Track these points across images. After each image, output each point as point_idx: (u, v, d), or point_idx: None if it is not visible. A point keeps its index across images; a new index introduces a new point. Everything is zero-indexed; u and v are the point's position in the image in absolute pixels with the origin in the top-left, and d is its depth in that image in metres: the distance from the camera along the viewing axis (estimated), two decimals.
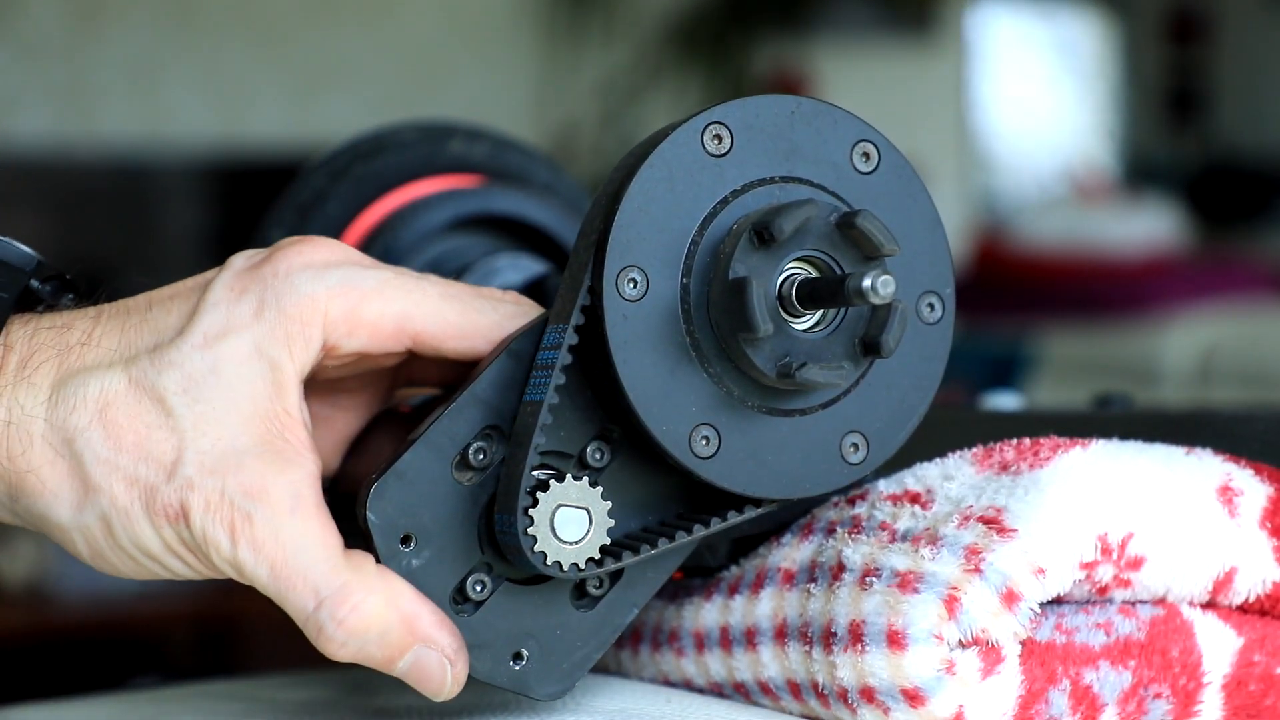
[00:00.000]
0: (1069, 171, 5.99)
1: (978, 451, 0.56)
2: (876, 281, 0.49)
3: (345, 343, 0.54)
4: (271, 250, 0.55)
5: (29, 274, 0.56)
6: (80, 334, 0.54)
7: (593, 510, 0.53)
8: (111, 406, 0.52)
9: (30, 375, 0.53)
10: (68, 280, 0.58)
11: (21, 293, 0.56)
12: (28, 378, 0.53)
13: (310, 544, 0.52)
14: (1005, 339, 3.57)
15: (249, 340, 0.53)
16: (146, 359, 0.53)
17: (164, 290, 0.55)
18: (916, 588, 0.51)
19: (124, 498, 0.52)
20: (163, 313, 0.54)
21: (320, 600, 0.52)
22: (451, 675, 0.53)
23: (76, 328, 0.54)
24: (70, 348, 0.53)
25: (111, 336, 0.54)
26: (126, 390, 0.52)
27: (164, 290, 0.55)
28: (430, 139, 0.72)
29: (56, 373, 0.53)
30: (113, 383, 0.52)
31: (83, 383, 0.52)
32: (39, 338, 0.53)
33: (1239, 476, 0.55)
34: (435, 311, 0.55)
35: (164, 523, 0.52)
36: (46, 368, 0.53)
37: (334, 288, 0.54)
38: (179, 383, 0.52)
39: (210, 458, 0.52)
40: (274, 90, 3.56)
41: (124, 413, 0.52)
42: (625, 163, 0.53)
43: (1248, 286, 3.84)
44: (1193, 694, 0.54)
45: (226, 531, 0.52)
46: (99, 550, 0.53)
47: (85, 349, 0.53)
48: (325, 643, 0.52)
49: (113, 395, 0.52)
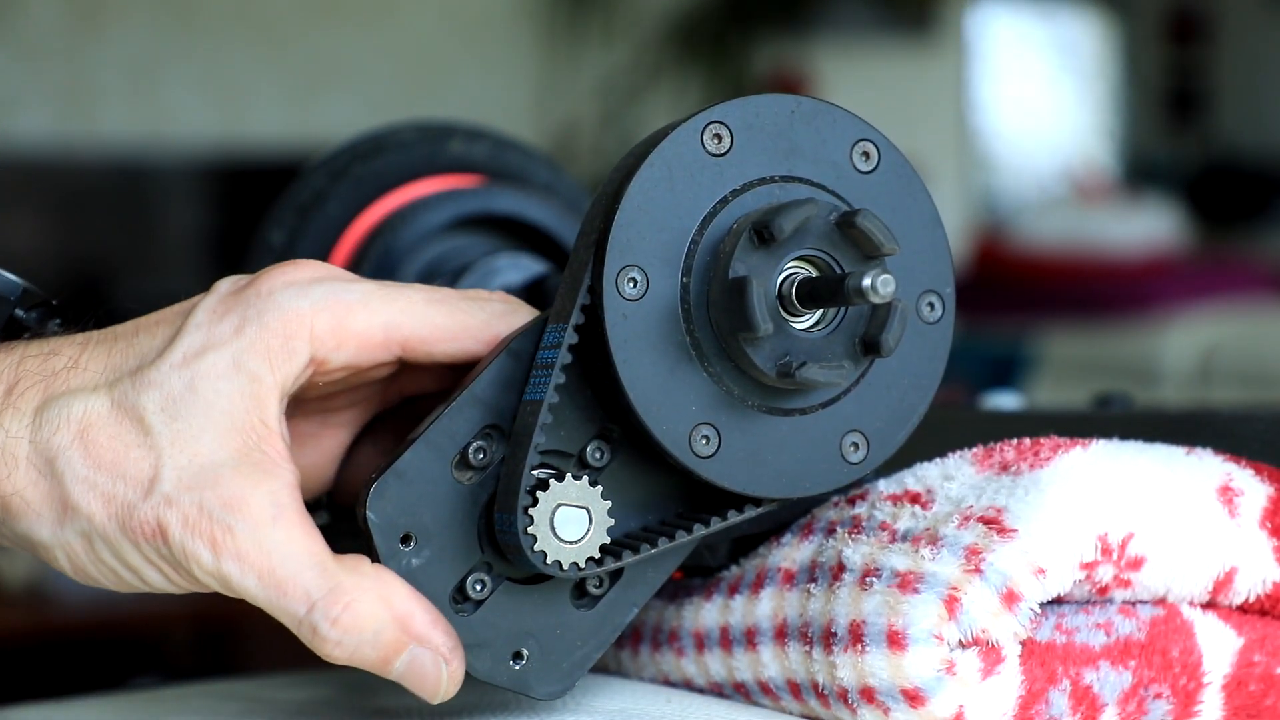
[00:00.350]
0: (1069, 171, 5.99)
1: (978, 451, 0.56)
2: (876, 281, 0.49)
3: (334, 356, 0.54)
4: (256, 274, 0.55)
5: (14, 302, 0.57)
6: (66, 359, 0.54)
7: (593, 509, 0.53)
8: (93, 427, 0.53)
9: (16, 400, 0.53)
10: (54, 307, 0.59)
11: (7, 321, 0.57)
12: (13, 403, 0.53)
13: (296, 550, 0.52)
14: (1005, 339, 3.57)
15: (228, 355, 0.53)
16: (128, 380, 0.54)
17: (151, 316, 0.56)
18: (917, 588, 0.51)
19: (101, 516, 0.53)
20: (148, 337, 0.55)
21: (313, 603, 0.52)
22: (447, 675, 0.53)
23: (63, 354, 0.55)
24: (56, 373, 0.54)
25: (98, 361, 0.54)
26: (108, 412, 0.53)
27: (151, 316, 0.56)
28: (430, 139, 0.72)
29: (41, 396, 0.53)
30: (95, 404, 0.53)
31: (66, 404, 0.53)
32: (25, 364, 0.54)
33: (1239, 476, 0.55)
34: (422, 316, 0.55)
35: (141, 540, 0.52)
36: (32, 392, 0.54)
37: (318, 302, 0.54)
38: (158, 401, 0.53)
39: (188, 474, 0.52)
40: (274, 90, 3.57)
41: (104, 433, 0.53)
42: (625, 162, 0.53)
43: (1248, 286, 3.85)
44: (1193, 694, 0.54)
45: (208, 545, 0.52)
46: (81, 566, 0.54)
47: (71, 373, 0.54)
48: (320, 643, 0.52)
49: (94, 416, 0.53)
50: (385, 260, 0.68)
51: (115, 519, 0.53)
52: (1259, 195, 5.82)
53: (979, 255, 3.97)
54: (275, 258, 0.70)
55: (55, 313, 0.58)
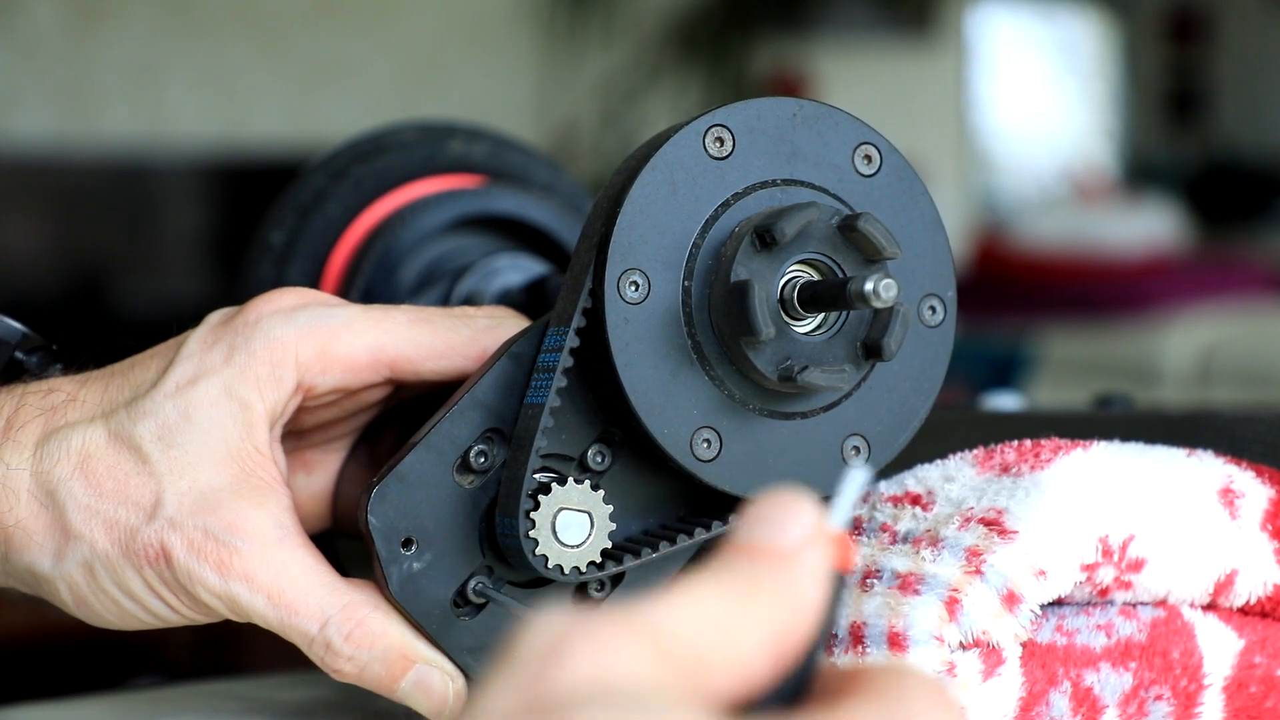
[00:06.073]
0: (1069, 171, 5.99)
1: (979, 453, 0.56)
2: (878, 285, 0.49)
3: (320, 380, 0.55)
4: (244, 304, 0.56)
5: (14, 346, 0.59)
6: (65, 395, 0.55)
7: (594, 513, 0.53)
8: (92, 458, 0.54)
9: (16, 434, 0.54)
10: (54, 352, 0.60)
11: (8, 363, 0.58)
12: (14, 437, 0.54)
13: (304, 570, 0.53)
14: (1005, 339, 3.57)
15: (219, 384, 0.54)
16: (124, 411, 0.54)
17: (146, 351, 0.57)
18: (917, 589, 0.51)
19: (103, 542, 0.53)
20: (142, 370, 0.56)
21: (326, 619, 0.53)
22: (454, 691, 0.54)
23: (61, 390, 0.56)
24: (55, 408, 0.55)
25: (94, 395, 0.55)
26: (106, 443, 0.54)
27: (146, 351, 0.57)
28: (430, 139, 0.72)
29: (41, 430, 0.54)
30: (93, 436, 0.54)
31: (65, 437, 0.54)
32: (25, 400, 0.55)
33: (1240, 478, 0.55)
34: (407, 337, 0.56)
35: (144, 564, 0.53)
36: (32, 426, 0.55)
37: (302, 329, 0.55)
38: (153, 430, 0.54)
39: (189, 499, 0.53)
40: (274, 90, 3.56)
41: (103, 463, 0.54)
42: (627, 165, 0.53)
43: (1248, 286, 3.84)
44: (1193, 696, 0.54)
45: (214, 568, 0.53)
46: (82, 598, 0.55)
47: (69, 407, 0.55)
48: (333, 659, 0.53)
49: (93, 447, 0.54)
50: (385, 260, 0.68)
51: (118, 544, 0.53)
52: (1259, 195, 5.81)
53: (979, 255, 3.96)
54: (275, 258, 0.70)
55: (56, 358, 0.60)
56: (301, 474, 0.59)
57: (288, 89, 3.58)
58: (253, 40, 3.54)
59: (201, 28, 3.49)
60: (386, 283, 0.68)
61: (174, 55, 3.44)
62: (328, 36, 3.63)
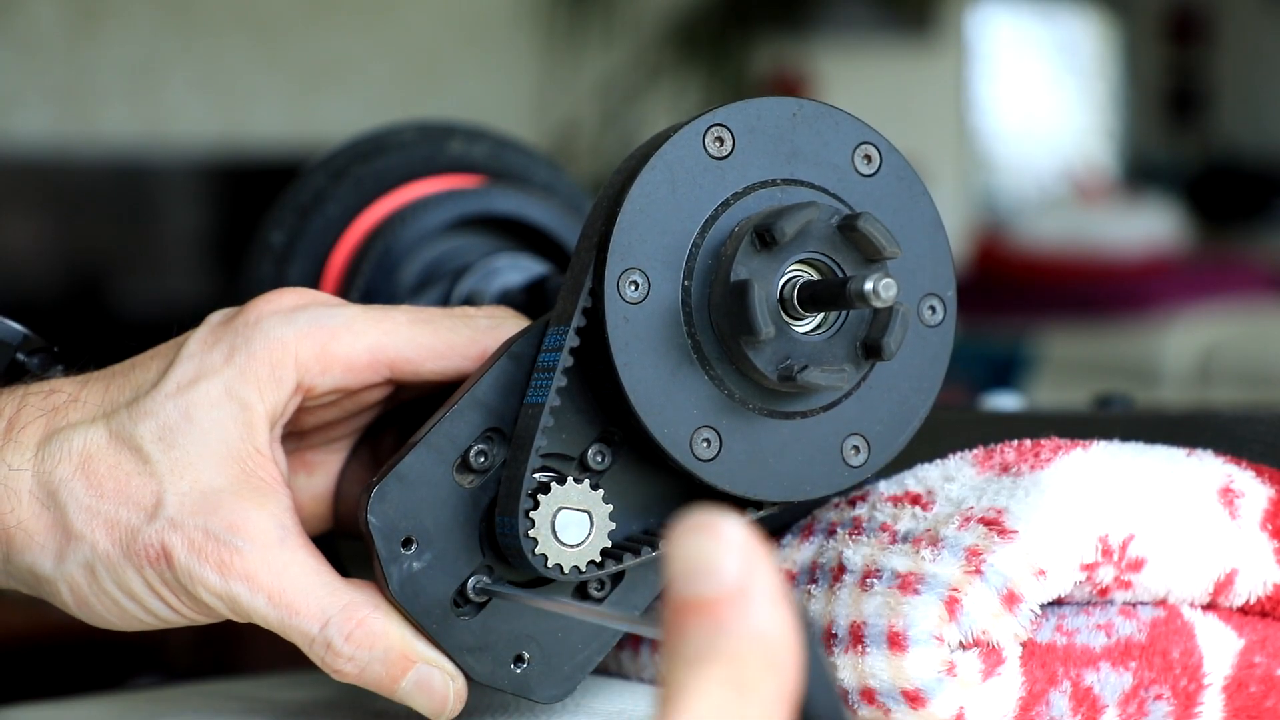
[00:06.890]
0: (1069, 171, 5.99)
1: (978, 453, 0.56)
2: (878, 284, 0.49)
3: (320, 381, 0.55)
4: (244, 304, 0.57)
5: (15, 347, 0.59)
6: (66, 396, 0.55)
7: (594, 513, 0.53)
8: (93, 459, 0.54)
9: (18, 435, 0.54)
10: (56, 354, 0.60)
11: (9, 365, 0.58)
12: (15, 437, 0.54)
13: (305, 570, 0.53)
14: (1005, 339, 3.57)
15: (220, 384, 0.54)
16: (125, 412, 0.55)
17: (147, 352, 0.57)
18: (917, 589, 0.51)
19: (105, 542, 0.53)
20: (142, 370, 0.56)
21: (327, 619, 0.53)
22: (454, 691, 0.54)
23: (63, 391, 0.56)
24: (56, 409, 0.55)
25: (95, 395, 0.55)
26: (107, 443, 0.54)
27: (147, 352, 0.57)
28: (430, 139, 0.72)
29: (43, 431, 0.55)
30: (94, 436, 0.54)
31: (66, 438, 0.54)
32: (27, 401, 0.55)
33: (1240, 478, 0.55)
34: (407, 337, 0.56)
35: (145, 564, 0.53)
36: (33, 427, 0.55)
37: (302, 329, 0.55)
38: (154, 431, 0.54)
39: (190, 499, 0.53)
40: (274, 90, 3.56)
41: (104, 464, 0.54)
42: (626, 165, 0.53)
43: (1248, 286, 3.84)
44: (1193, 695, 0.54)
45: (215, 568, 0.53)
46: (83, 599, 0.55)
47: (71, 408, 0.55)
48: (333, 659, 0.53)
49: (94, 448, 0.54)
50: (385, 260, 0.68)
51: (119, 544, 0.53)
52: (1259, 195, 5.82)
53: (979, 255, 3.97)
54: (275, 258, 0.70)
55: (58, 359, 0.60)
56: (302, 474, 0.59)
57: (287, 89, 3.58)
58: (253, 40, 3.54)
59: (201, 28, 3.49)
60: (386, 283, 0.68)
61: (174, 55, 3.45)
62: (328, 36, 3.63)
